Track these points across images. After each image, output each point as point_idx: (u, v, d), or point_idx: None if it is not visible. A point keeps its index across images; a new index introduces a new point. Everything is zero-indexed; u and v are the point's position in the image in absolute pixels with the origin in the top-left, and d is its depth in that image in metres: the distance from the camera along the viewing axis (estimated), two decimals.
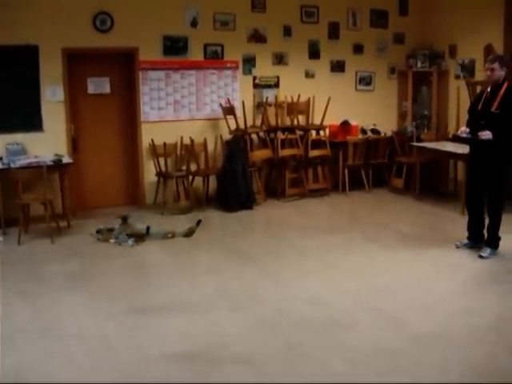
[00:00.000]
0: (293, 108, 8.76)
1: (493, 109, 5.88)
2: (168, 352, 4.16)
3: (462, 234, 6.41)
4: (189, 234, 5.30)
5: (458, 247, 6.34)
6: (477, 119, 6.04)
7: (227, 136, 8.52)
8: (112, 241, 5.40)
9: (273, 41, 8.92)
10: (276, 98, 8.86)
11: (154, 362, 4.03)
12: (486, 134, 5.79)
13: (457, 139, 6.44)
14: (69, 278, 5.67)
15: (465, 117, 6.58)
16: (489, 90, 6.04)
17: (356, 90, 9.68)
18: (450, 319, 4.66)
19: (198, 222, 5.30)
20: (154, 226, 5.53)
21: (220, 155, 8.61)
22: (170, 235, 5.33)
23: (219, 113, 8.56)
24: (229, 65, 8.72)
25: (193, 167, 8.32)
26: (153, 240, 5.47)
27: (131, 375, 3.88)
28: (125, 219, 5.56)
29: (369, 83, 9.76)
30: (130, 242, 5.37)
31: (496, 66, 5.89)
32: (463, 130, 6.11)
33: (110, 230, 5.52)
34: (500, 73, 5.90)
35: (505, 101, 5.83)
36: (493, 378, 3.81)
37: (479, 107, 6.06)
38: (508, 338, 4.39)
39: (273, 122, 8.68)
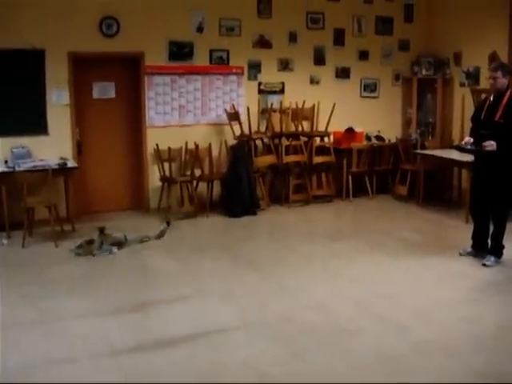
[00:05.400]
0: (297, 114, 8.78)
1: (496, 118, 5.85)
2: (172, 355, 4.18)
3: (466, 241, 6.40)
4: (160, 235, 5.58)
5: (461, 255, 6.33)
6: (480, 128, 6.01)
7: (232, 141, 8.53)
8: (96, 252, 5.42)
9: (278, 47, 8.94)
10: (281, 103, 8.87)
11: (157, 364, 4.04)
12: (491, 145, 5.74)
13: (461, 150, 6.34)
14: (73, 282, 5.68)
15: (469, 125, 6.57)
16: (491, 98, 6.01)
17: (361, 96, 9.69)
18: (452, 326, 4.67)
19: (168, 223, 5.54)
20: (129, 233, 5.69)
21: (224, 160, 8.63)
22: (145, 239, 5.57)
23: (224, 118, 8.59)
24: (234, 70, 8.75)
25: (197, 172, 8.33)
26: (131, 246, 5.63)
27: (134, 377, 3.89)
28: (102, 230, 5.70)
29: (373, 90, 9.77)
30: (115, 250, 5.44)
31: (499, 74, 5.86)
32: (467, 141, 6.04)
33: (90, 243, 5.56)
34: (503, 81, 5.87)
35: (508, 110, 5.80)
36: None
37: (482, 116, 6.02)
38: (508, 345, 4.39)
39: (277, 128, 8.70)
